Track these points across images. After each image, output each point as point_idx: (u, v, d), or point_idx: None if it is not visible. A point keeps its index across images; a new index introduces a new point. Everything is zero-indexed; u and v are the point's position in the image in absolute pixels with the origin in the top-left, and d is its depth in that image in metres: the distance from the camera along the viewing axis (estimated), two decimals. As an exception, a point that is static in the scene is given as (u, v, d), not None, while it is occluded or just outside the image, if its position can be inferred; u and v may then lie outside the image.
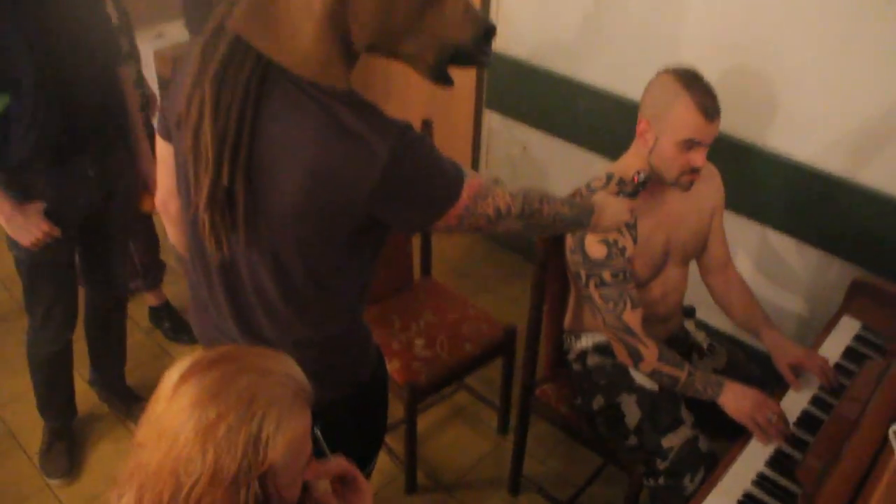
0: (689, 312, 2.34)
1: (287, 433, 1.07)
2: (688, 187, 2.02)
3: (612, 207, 1.81)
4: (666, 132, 1.94)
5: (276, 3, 1.29)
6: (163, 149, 1.58)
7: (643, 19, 2.90)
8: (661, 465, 1.96)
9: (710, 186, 2.17)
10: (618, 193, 1.88)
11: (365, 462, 1.85)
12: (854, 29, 2.39)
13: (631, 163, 2.05)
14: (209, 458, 1.02)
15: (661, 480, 1.97)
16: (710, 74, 2.00)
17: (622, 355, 2.06)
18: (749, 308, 2.24)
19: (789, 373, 2.05)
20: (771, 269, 2.89)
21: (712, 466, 1.88)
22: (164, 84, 2.57)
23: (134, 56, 2.49)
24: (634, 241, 2.02)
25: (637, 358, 2.02)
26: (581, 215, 1.71)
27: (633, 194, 1.88)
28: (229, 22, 1.31)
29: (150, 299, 3.25)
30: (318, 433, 1.71)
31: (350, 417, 1.73)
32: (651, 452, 1.99)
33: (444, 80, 1.44)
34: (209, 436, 1.02)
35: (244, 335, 1.57)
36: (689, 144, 1.93)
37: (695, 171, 1.97)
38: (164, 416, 1.05)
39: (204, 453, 1.02)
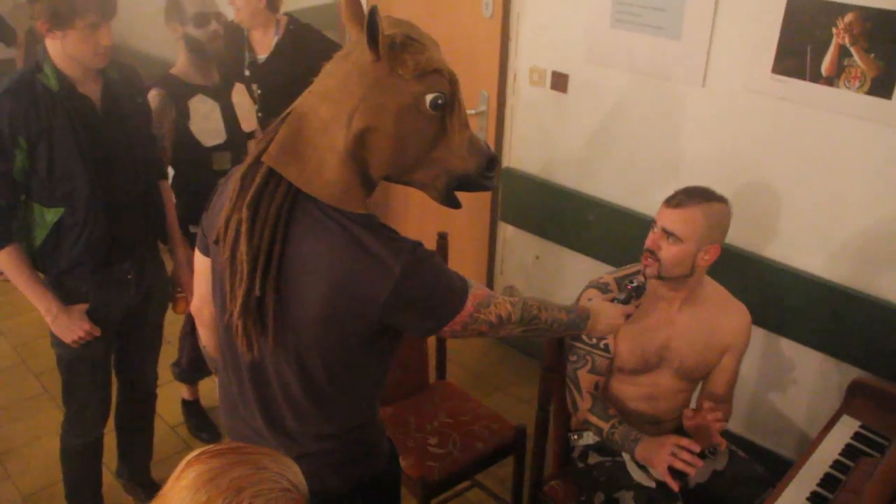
0: None
1: None
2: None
3: (607, 312, 1.95)
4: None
5: (305, 141, 1.48)
6: (200, 261, 1.75)
7: (645, 137, 3.06)
8: None
9: (733, 324, 2.26)
10: (612, 300, 2.02)
11: None
12: (847, 146, 2.54)
13: None
14: None
15: None
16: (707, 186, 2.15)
17: (568, 404, 2.27)
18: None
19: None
20: (773, 372, 2.96)
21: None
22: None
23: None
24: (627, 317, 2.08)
25: (575, 408, 2.24)
26: (577, 320, 1.85)
27: (626, 301, 2.02)
28: (265, 156, 1.49)
29: (185, 393, 3.39)
30: None
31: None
32: None
33: (452, 203, 1.62)
34: None
35: (269, 429, 1.68)
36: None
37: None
38: (167, 495, 1.15)
39: None
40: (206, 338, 1.89)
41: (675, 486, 1.99)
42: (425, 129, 1.51)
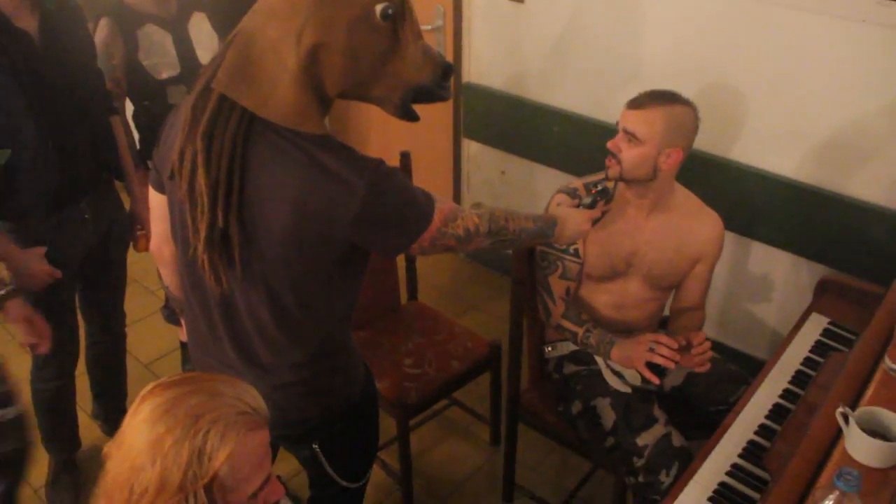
0: (663, 323, 2.44)
1: (229, 447, 1.16)
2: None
3: (574, 218, 1.94)
4: None
5: (254, 64, 1.43)
6: (154, 199, 1.72)
7: (606, 45, 3.02)
8: (638, 462, 2.05)
9: (705, 233, 2.25)
10: (577, 205, 2.01)
11: (360, 475, 1.95)
12: (813, 43, 2.52)
13: None
14: (157, 469, 1.12)
15: (640, 478, 2.06)
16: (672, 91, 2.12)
17: (540, 312, 2.27)
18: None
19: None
20: (744, 274, 2.99)
21: (687, 461, 1.96)
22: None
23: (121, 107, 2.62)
24: (594, 222, 2.09)
25: (547, 314, 2.24)
26: (545, 228, 1.84)
27: (592, 205, 2.01)
28: (214, 82, 1.44)
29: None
30: (317, 448, 1.82)
31: (345, 432, 1.84)
32: (627, 451, 2.08)
33: (409, 116, 1.58)
34: (158, 448, 1.12)
35: (242, 362, 1.68)
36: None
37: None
38: (125, 431, 1.17)
39: (153, 464, 1.12)
40: (168, 277, 1.86)
41: (655, 379, 2.02)
42: (377, 41, 1.46)
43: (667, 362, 1.99)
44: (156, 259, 1.85)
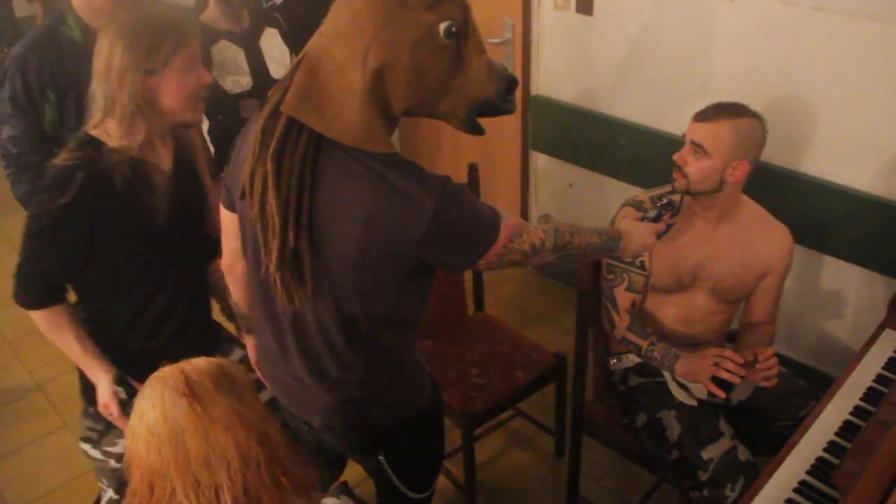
0: (731, 337, 2.42)
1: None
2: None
3: (638, 232, 1.93)
4: None
5: (321, 86, 1.46)
6: (225, 216, 1.76)
7: (674, 57, 3.01)
8: (703, 476, 2.04)
9: (773, 245, 2.23)
10: (642, 219, 2.01)
11: (426, 486, 1.97)
12: (884, 53, 2.48)
13: None
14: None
15: (705, 492, 2.05)
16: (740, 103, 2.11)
17: (605, 324, 2.27)
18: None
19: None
20: (815, 289, 2.94)
21: (752, 476, 1.94)
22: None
23: None
24: (659, 235, 2.06)
25: (612, 326, 2.24)
26: (609, 242, 1.84)
27: (657, 218, 2.00)
28: (283, 106, 1.47)
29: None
30: (383, 460, 1.85)
31: (411, 444, 1.87)
32: (692, 465, 2.07)
33: (476, 130, 1.60)
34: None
35: (312, 377, 1.71)
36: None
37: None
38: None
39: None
40: (238, 294, 1.90)
41: (721, 393, 2.01)
42: (442, 58, 1.48)
43: (732, 377, 1.98)
44: (226, 276, 1.88)
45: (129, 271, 1.95)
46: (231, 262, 1.83)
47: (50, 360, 3.45)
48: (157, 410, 1.20)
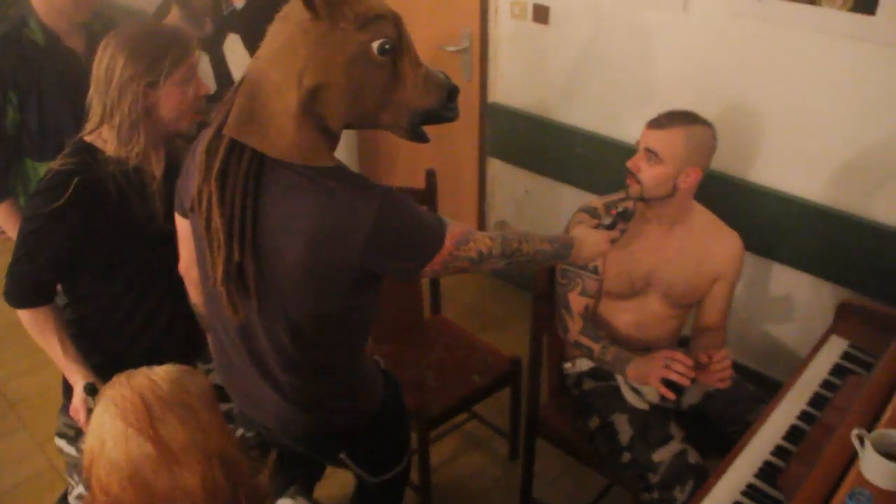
0: (683, 342, 2.46)
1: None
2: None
3: (592, 239, 1.97)
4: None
5: (260, 108, 1.49)
6: (181, 223, 1.78)
7: (628, 66, 3.06)
8: (654, 479, 2.07)
9: (724, 251, 2.27)
10: (597, 226, 2.04)
11: (394, 466, 2.03)
12: (832, 66, 2.53)
13: None
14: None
15: (655, 494, 2.08)
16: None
17: (559, 328, 2.28)
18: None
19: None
20: (764, 296, 3.00)
21: (702, 479, 1.97)
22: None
23: None
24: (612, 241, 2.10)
25: (564, 329, 2.26)
26: (561, 249, 1.88)
27: (612, 226, 2.04)
28: (225, 129, 1.50)
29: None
30: (345, 457, 1.88)
31: (371, 440, 1.91)
32: (643, 467, 2.10)
33: (419, 138, 1.63)
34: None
35: (264, 381, 1.74)
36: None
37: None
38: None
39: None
40: (196, 297, 1.92)
41: (671, 395, 2.03)
42: (378, 75, 1.51)
43: (682, 379, 2.01)
44: (184, 278, 1.92)
45: (119, 277, 1.98)
46: (187, 265, 1.86)
47: (7, 361, 3.41)
48: (120, 449, 1.19)
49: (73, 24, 2.22)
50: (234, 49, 2.75)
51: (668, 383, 2.04)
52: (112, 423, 1.20)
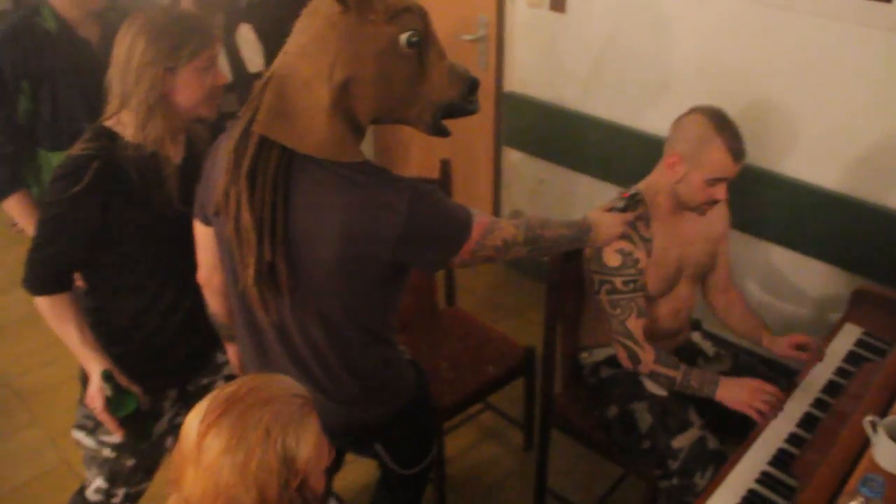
0: (696, 325, 2.45)
1: (307, 442, 1.23)
2: (704, 213, 2.18)
3: (606, 222, 1.98)
4: (696, 169, 2.09)
5: (290, 103, 1.50)
6: (200, 230, 1.79)
7: (644, 55, 3.04)
8: (673, 465, 2.07)
9: (719, 213, 2.30)
10: (610, 210, 2.05)
11: (420, 461, 2.05)
12: (848, 53, 2.52)
13: (655, 182, 2.20)
14: (253, 493, 1.18)
15: (674, 480, 2.08)
16: (707, 102, 2.14)
17: (623, 358, 2.20)
18: (749, 321, 2.37)
19: (794, 351, 2.21)
20: (778, 284, 2.99)
21: (721, 464, 1.97)
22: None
23: None
24: (648, 254, 2.15)
25: (636, 361, 2.18)
26: (580, 233, 1.89)
27: (625, 209, 2.04)
28: (255, 126, 1.51)
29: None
30: (380, 448, 1.90)
31: (404, 429, 1.94)
32: (663, 454, 2.10)
33: (441, 132, 1.65)
34: (246, 474, 1.17)
35: (303, 382, 1.72)
36: (716, 182, 2.08)
37: (716, 202, 2.14)
38: (201, 456, 1.19)
39: (247, 490, 1.18)
40: (216, 305, 1.93)
41: (763, 422, 2.02)
42: (405, 68, 1.53)
43: (773, 412, 2.03)
44: (203, 288, 1.91)
45: (139, 266, 1.97)
46: (208, 274, 1.86)
47: (20, 356, 3.43)
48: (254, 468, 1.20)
49: (88, 12, 2.21)
50: (246, 39, 2.76)
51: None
52: (255, 441, 1.22)
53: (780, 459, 1.90)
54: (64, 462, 2.96)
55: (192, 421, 1.24)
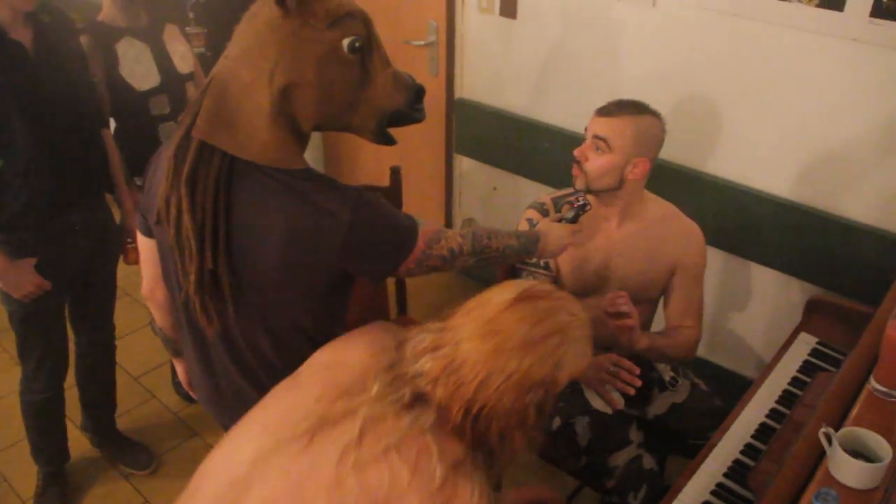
0: None
1: (575, 367, 1.31)
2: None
3: (556, 233, 1.95)
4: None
5: (231, 108, 1.47)
6: (144, 243, 1.74)
7: (595, 61, 3.03)
8: (609, 483, 2.05)
9: (680, 242, 2.20)
10: (560, 220, 2.02)
11: None
12: (800, 61, 2.52)
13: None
14: (525, 364, 1.24)
15: (614, 499, 2.06)
16: (657, 109, 2.14)
17: None
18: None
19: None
20: (733, 293, 2.99)
21: (656, 485, 1.97)
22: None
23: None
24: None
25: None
26: (528, 244, 1.87)
27: (574, 219, 2.01)
28: (194, 131, 1.47)
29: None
30: None
31: None
32: (599, 472, 2.08)
33: (386, 140, 1.63)
34: (532, 347, 1.25)
35: (254, 391, 1.69)
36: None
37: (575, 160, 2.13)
38: (497, 320, 1.28)
39: (522, 359, 1.24)
40: (162, 319, 1.88)
41: (616, 403, 2.00)
42: (347, 73, 1.50)
43: (626, 388, 1.95)
44: (148, 301, 1.87)
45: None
46: (151, 287, 1.82)
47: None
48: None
49: (17, 13, 2.11)
50: (174, 38, 2.70)
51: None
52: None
53: (736, 471, 1.90)
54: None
55: (505, 289, 1.36)
